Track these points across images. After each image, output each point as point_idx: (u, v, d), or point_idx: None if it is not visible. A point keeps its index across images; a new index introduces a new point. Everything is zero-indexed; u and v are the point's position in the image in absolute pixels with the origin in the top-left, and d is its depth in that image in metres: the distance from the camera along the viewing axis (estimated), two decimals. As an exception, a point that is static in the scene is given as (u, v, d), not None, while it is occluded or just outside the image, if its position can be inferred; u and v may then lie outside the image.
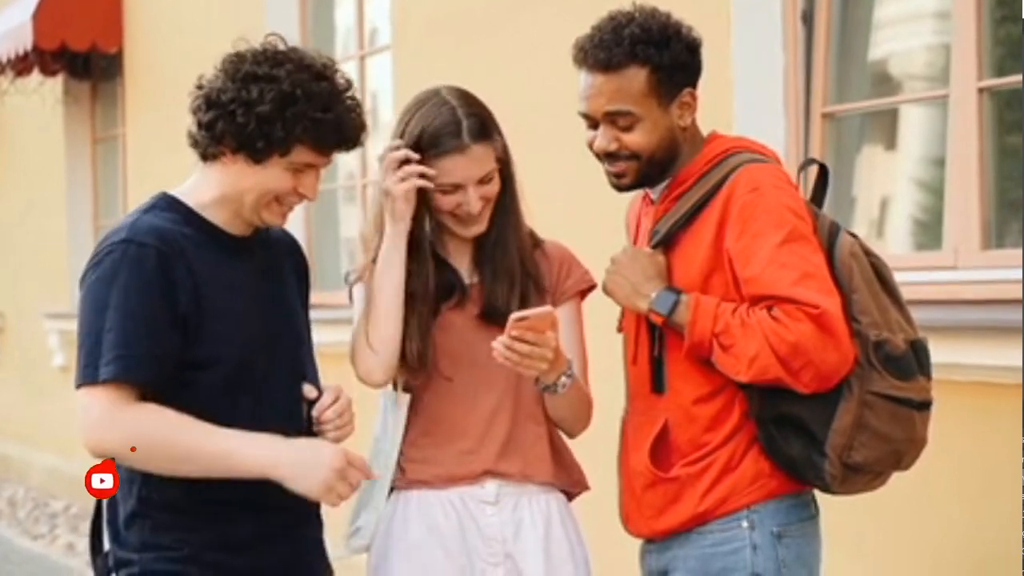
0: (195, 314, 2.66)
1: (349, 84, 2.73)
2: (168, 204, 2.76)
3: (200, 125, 2.68)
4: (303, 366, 2.85)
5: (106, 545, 2.76)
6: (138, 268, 2.62)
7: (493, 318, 2.93)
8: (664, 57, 2.77)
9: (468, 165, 2.90)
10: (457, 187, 2.91)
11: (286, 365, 2.80)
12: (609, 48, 2.76)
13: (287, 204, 2.75)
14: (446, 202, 2.93)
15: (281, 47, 2.70)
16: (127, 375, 2.59)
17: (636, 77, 2.77)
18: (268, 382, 2.75)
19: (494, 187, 2.95)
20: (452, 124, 2.90)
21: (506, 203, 3.01)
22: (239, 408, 2.69)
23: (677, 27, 2.82)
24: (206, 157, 2.72)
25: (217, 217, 2.75)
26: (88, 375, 2.61)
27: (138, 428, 2.59)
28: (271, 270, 2.85)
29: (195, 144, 2.73)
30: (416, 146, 2.91)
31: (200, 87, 2.71)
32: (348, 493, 2.65)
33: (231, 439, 2.61)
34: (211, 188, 2.74)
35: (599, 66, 2.78)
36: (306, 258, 3.01)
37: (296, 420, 2.80)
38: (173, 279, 2.64)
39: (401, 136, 2.94)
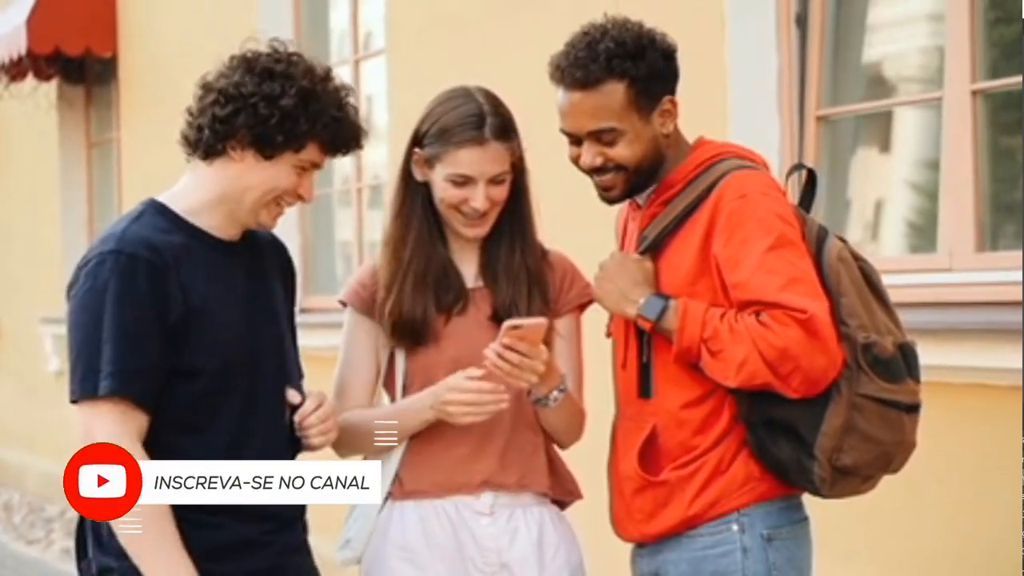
0: (183, 325, 2.66)
1: (349, 89, 2.78)
2: (156, 211, 2.75)
3: (215, 119, 2.68)
4: (287, 370, 2.86)
5: (89, 551, 2.75)
6: (129, 280, 2.62)
7: (505, 321, 2.92)
8: (641, 69, 2.76)
9: (483, 160, 2.90)
10: (468, 180, 2.90)
11: (271, 370, 2.81)
12: (585, 66, 2.75)
13: (284, 205, 2.77)
14: (454, 195, 2.92)
15: (289, 50, 2.73)
16: (126, 389, 2.60)
17: (615, 92, 2.76)
18: (253, 388, 2.75)
19: (503, 191, 2.95)
20: (475, 117, 2.91)
21: (519, 209, 3.01)
22: (224, 414, 2.71)
23: (651, 36, 2.81)
24: (209, 154, 2.72)
25: (208, 222, 2.75)
26: (87, 388, 2.62)
27: None
28: (259, 274, 2.85)
29: (197, 142, 2.72)
30: (438, 134, 2.92)
31: (207, 85, 2.71)
32: None
33: (171, 557, 2.61)
34: (208, 188, 2.74)
35: (576, 84, 2.77)
36: (292, 260, 3.01)
37: (280, 424, 2.81)
38: (164, 291, 2.64)
39: (424, 122, 2.95)
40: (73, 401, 2.65)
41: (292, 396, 2.82)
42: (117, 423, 2.60)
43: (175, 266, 2.67)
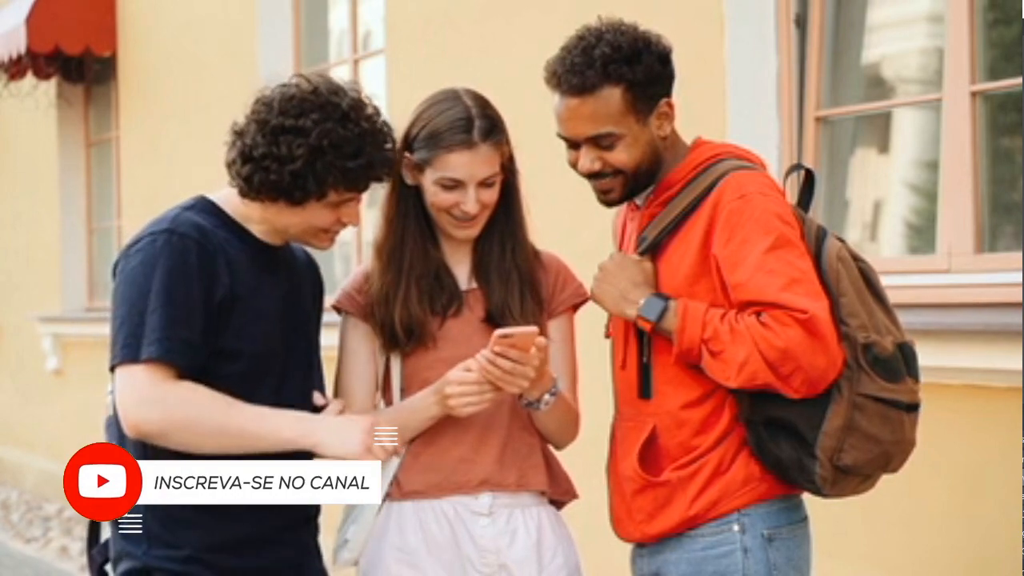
0: (228, 305, 2.71)
1: (376, 112, 2.77)
2: (207, 208, 2.81)
3: (239, 175, 2.74)
4: (312, 371, 2.91)
5: (101, 537, 2.77)
6: (180, 257, 2.68)
7: (498, 322, 2.93)
8: (637, 73, 2.76)
9: (473, 163, 2.90)
10: (458, 184, 2.90)
11: (299, 367, 2.86)
12: (581, 72, 2.75)
13: (333, 231, 2.82)
14: (444, 199, 2.92)
15: (306, 89, 2.72)
16: (170, 356, 2.64)
17: (611, 97, 2.76)
18: (282, 381, 2.80)
19: (493, 194, 2.95)
20: (464, 120, 2.90)
21: (510, 210, 3.01)
22: (257, 400, 2.73)
23: (646, 39, 2.81)
24: (245, 196, 2.78)
25: (255, 227, 2.82)
26: (128, 354, 2.65)
27: (179, 404, 2.63)
28: (293, 281, 2.90)
29: (234, 183, 2.78)
30: (427, 138, 2.92)
31: (234, 135, 2.75)
32: (383, 453, 2.71)
33: (267, 411, 2.68)
34: (252, 212, 2.80)
35: (573, 91, 2.77)
36: (322, 277, 3.05)
37: None
38: (212, 272, 2.70)
39: (413, 126, 2.94)
40: (111, 369, 2.68)
41: (317, 399, 2.88)
42: (151, 375, 2.63)
43: (223, 252, 2.73)
